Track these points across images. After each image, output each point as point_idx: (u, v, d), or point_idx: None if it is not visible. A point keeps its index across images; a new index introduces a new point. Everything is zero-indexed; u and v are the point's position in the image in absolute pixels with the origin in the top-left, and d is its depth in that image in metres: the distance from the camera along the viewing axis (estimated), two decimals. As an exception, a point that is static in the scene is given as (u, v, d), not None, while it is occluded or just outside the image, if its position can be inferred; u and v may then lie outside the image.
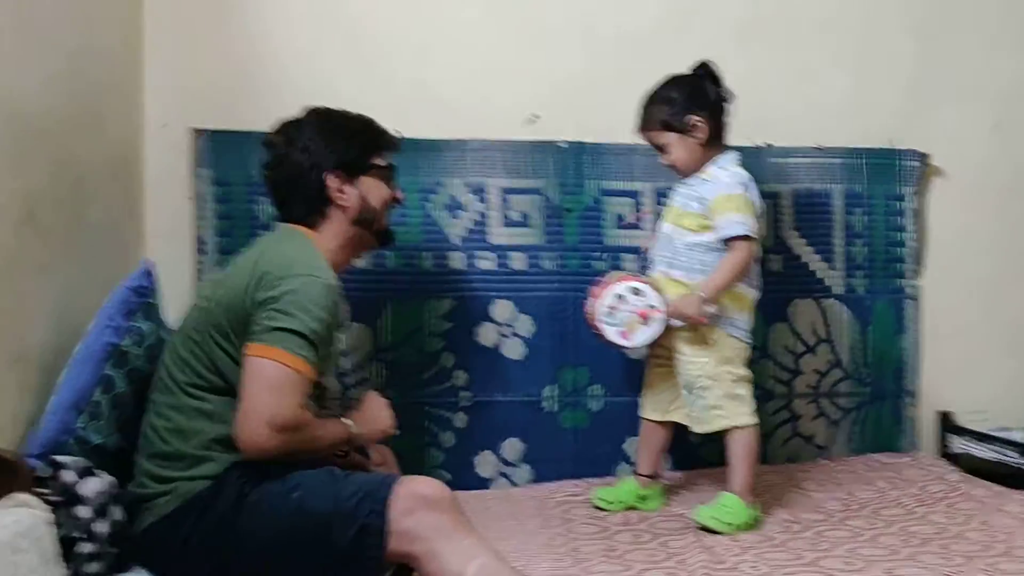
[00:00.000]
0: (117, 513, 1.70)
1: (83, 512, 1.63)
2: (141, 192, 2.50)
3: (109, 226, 2.25)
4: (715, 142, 2.28)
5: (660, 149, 2.30)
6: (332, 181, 1.93)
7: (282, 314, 1.72)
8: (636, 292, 2.25)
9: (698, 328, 2.25)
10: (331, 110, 2.02)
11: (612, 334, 2.26)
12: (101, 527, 1.65)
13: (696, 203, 2.27)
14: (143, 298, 1.97)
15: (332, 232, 1.95)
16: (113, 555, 1.68)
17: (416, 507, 1.65)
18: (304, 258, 1.83)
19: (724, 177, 2.26)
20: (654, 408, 2.40)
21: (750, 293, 2.31)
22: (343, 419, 1.89)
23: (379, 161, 2.01)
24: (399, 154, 2.34)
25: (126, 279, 1.97)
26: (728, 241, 2.23)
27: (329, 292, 1.79)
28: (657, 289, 2.26)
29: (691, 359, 2.27)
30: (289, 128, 1.98)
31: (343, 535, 1.66)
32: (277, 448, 1.69)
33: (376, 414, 1.96)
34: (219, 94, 2.53)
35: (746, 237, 2.22)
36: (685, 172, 2.30)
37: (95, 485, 1.66)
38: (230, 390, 1.76)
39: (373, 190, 1.98)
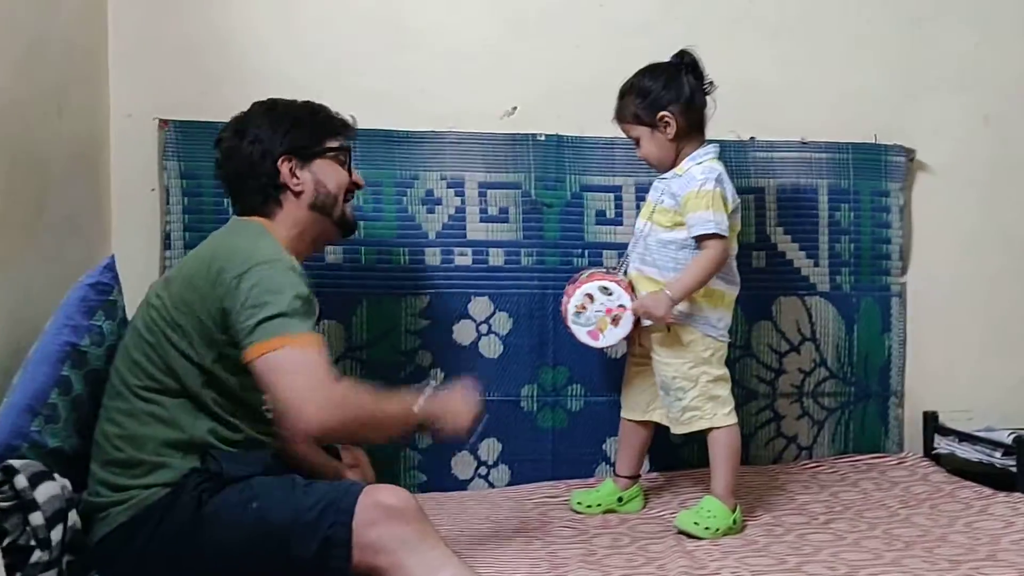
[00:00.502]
0: (73, 519, 1.64)
1: (36, 519, 1.56)
2: (106, 185, 2.42)
3: (71, 220, 2.17)
4: (692, 135, 2.22)
5: (635, 141, 2.25)
6: (284, 166, 1.90)
7: (256, 308, 1.66)
8: (606, 291, 2.20)
9: (671, 328, 2.20)
10: (278, 100, 1.98)
11: (581, 334, 2.22)
12: (55, 535, 1.58)
13: (669, 199, 2.22)
14: (104, 296, 1.90)
15: (289, 220, 1.90)
16: (69, 563, 1.61)
17: (379, 518, 1.60)
18: (259, 248, 1.77)
19: (697, 173, 2.19)
20: (633, 408, 2.35)
21: (727, 290, 2.25)
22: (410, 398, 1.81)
23: (332, 143, 1.97)
24: (372, 145, 2.32)
25: (86, 275, 1.90)
26: (699, 239, 2.17)
27: (292, 271, 1.73)
28: (628, 288, 2.21)
29: (667, 360, 2.22)
30: (237, 123, 1.96)
31: (305, 548, 1.61)
32: (340, 421, 1.63)
33: (461, 407, 1.86)
34: (186, 84, 2.45)
35: (716, 236, 2.15)
36: (658, 167, 2.25)
37: (49, 490, 1.59)
38: (184, 392, 1.72)
39: (328, 174, 1.94)
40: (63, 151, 2.13)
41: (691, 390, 2.20)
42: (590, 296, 2.20)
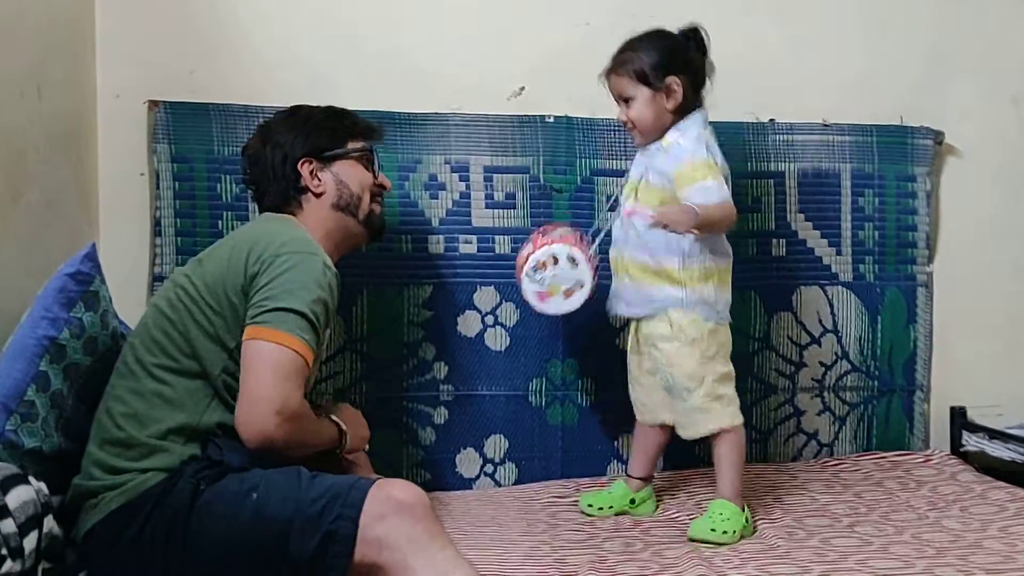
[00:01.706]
0: (49, 525, 1.53)
1: (7, 527, 1.45)
2: (92, 169, 2.31)
3: (51, 206, 2.06)
4: (684, 113, 2.09)
5: (624, 101, 2.10)
6: (304, 169, 1.93)
7: (282, 292, 1.67)
8: (572, 261, 2.08)
9: (672, 323, 2.08)
10: (302, 105, 2.02)
11: (530, 292, 2.12)
12: (29, 543, 1.48)
13: (655, 176, 2.09)
14: (84, 286, 1.80)
15: (312, 220, 1.92)
16: (45, 572, 1.51)
17: (389, 513, 1.53)
18: (299, 236, 1.81)
19: (686, 143, 2.06)
20: (646, 411, 2.22)
21: (718, 263, 2.10)
22: (332, 418, 1.87)
23: (354, 145, 1.99)
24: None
25: (65, 265, 1.79)
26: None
27: (327, 271, 1.76)
28: (594, 267, 2.09)
29: (671, 359, 2.09)
30: (262, 130, 2.01)
31: (304, 543, 1.53)
32: (284, 438, 1.64)
33: (358, 421, 1.96)
34: (178, 62, 2.33)
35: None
36: (644, 135, 2.11)
37: (22, 495, 1.48)
38: (201, 374, 1.70)
39: (351, 174, 1.97)
40: (43, 133, 2.02)
41: (697, 390, 2.08)
42: (555, 259, 2.08)
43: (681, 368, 2.09)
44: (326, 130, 1.96)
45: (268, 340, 1.64)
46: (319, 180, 1.93)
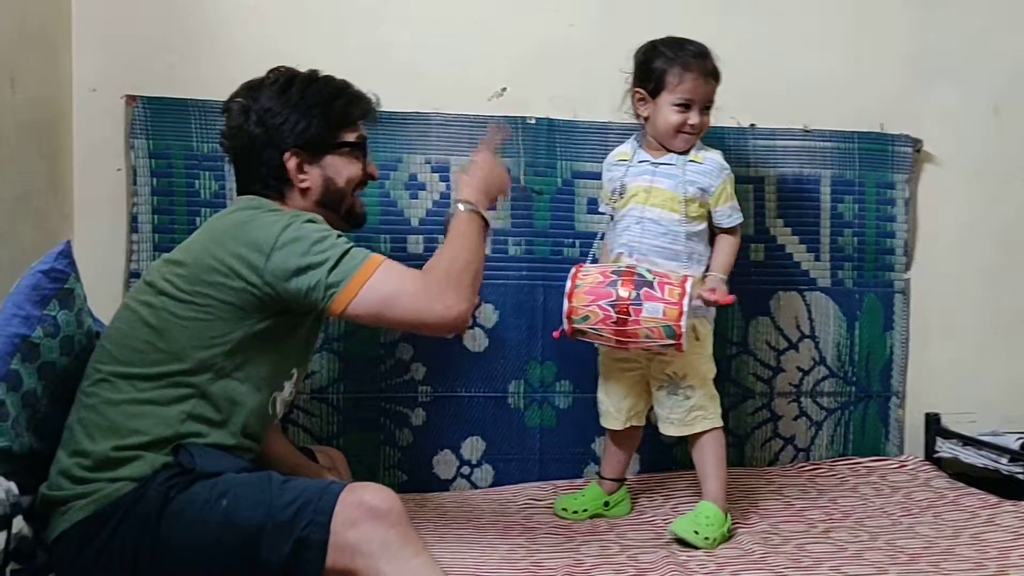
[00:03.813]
0: (19, 526, 1.51)
1: (-27, 528, 1.44)
2: (66, 164, 2.27)
3: (23, 201, 2.02)
4: None
5: (706, 109, 2.12)
6: (291, 162, 1.76)
7: (311, 261, 1.60)
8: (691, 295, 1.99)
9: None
10: (296, 73, 1.81)
11: (685, 340, 1.98)
12: (-5, 544, 1.46)
13: (692, 187, 2.12)
14: (58, 283, 1.75)
15: (295, 208, 1.77)
16: (14, 572, 1.50)
17: (360, 519, 1.49)
18: (276, 215, 1.69)
19: (719, 160, 2.16)
20: (615, 417, 2.22)
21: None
22: (457, 205, 1.78)
23: (348, 137, 1.83)
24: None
25: (38, 262, 1.75)
26: (731, 229, 2.17)
27: (310, 220, 1.67)
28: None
29: (683, 359, 2.10)
30: (247, 93, 1.79)
31: (275, 550, 1.50)
32: (466, 297, 1.64)
33: (493, 174, 1.87)
34: (156, 56, 2.30)
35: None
36: (689, 145, 2.13)
37: (-12, 496, 1.47)
38: (185, 380, 1.62)
39: (340, 169, 1.81)
40: (14, 126, 1.98)
41: (699, 388, 2.12)
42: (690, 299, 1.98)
43: (690, 366, 2.11)
44: (319, 118, 1.77)
45: (354, 296, 1.59)
46: (305, 175, 1.77)
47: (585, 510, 2.20)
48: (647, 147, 2.18)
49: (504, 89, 2.45)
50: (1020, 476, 2.35)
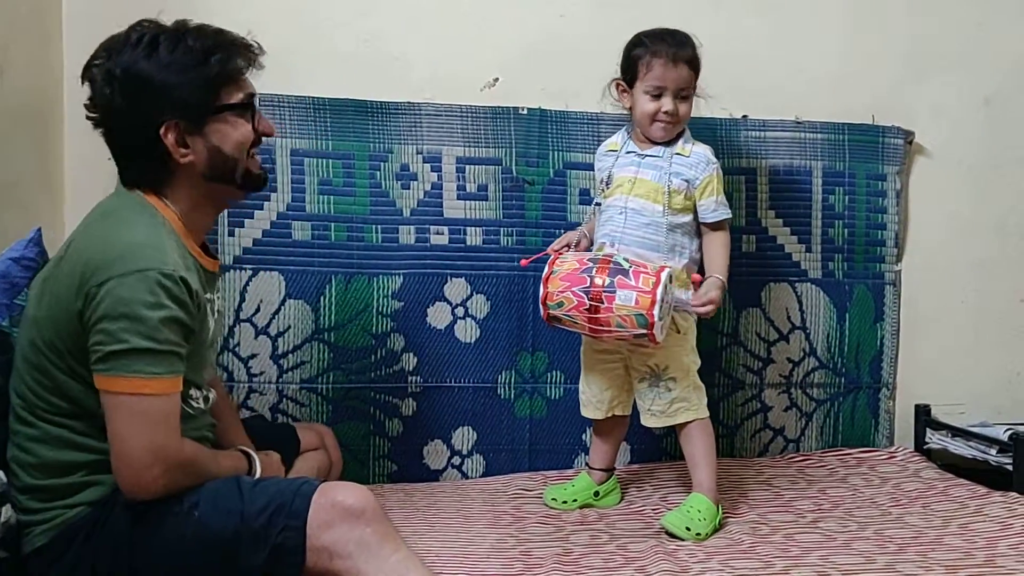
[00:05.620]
0: (8, 514, 1.51)
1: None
2: (57, 152, 2.27)
3: (12, 187, 2.02)
4: None
5: (682, 97, 2.09)
6: (169, 137, 1.53)
7: (115, 331, 1.43)
8: (667, 286, 1.98)
9: (673, 318, 2.09)
10: (163, 29, 1.56)
11: (659, 330, 1.97)
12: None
13: (676, 179, 2.11)
14: (29, 272, 1.71)
15: (180, 194, 1.59)
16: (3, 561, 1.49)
17: (335, 520, 1.47)
18: (131, 243, 1.48)
19: (706, 153, 2.14)
20: (597, 406, 2.22)
21: (695, 257, 2.17)
22: (246, 452, 1.68)
23: (233, 98, 1.58)
24: (343, 116, 2.15)
25: (8, 249, 1.72)
26: (717, 224, 2.13)
27: (159, 284, 1.45)
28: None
29: (666, 350, 2.10)
30: (108, 55, 1.54)
31: (252, 559, 1.48)
32: (166, 487, 1.48)
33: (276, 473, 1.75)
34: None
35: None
36: (669, 135, 2.13)
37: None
38: (85, 412, 1.51)
39: (226, 136, 1.58)
40: (4, 114, 1.98)
41: (682, 380, 2.12)
42: (666, 288, 1.95)
43: (673, 357, 2.10)
44: (195, 80, 1.53)
45: (117, 392, 1.44)
46: (187, 149, 1.55)
47: (575, 500, 2.20)
48: (636, 138, 2.18)
49: (496, 79, 2.45)
50: (1008, 467, 2.35)
